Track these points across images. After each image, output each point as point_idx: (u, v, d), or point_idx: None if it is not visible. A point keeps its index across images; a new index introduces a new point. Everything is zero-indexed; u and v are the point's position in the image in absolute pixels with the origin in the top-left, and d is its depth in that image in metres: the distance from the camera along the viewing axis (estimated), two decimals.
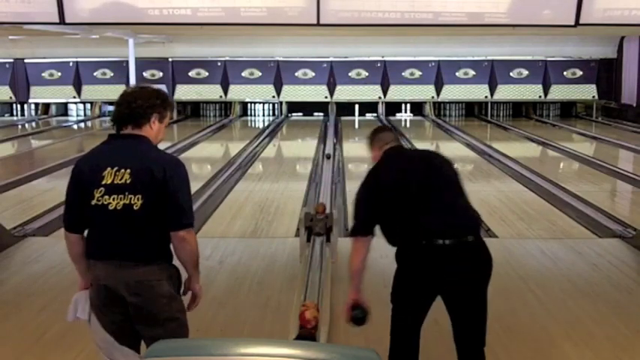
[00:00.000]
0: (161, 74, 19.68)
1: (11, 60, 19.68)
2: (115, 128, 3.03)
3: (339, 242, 6.06)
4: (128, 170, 2.86)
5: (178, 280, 3.01)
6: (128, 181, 2.85)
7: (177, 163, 2.99)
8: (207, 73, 19.60)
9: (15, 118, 20.45)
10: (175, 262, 3.01)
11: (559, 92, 19.72)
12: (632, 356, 4.19)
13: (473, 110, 20.75)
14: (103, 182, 2.87)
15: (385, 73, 19.53)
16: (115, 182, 2.86)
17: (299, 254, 5.80)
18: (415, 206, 3.30)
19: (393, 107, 20.31)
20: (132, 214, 2.85)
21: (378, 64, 19.53)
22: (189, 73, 19.64)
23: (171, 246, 2.95)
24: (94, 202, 2.88)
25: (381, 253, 6.29)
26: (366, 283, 5.58)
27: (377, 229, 3.55)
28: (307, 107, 20.34)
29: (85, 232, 3.01)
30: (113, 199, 2.86)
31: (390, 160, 3.49)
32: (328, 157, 8.99)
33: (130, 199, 2.85)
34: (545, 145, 14.52)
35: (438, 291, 3.33)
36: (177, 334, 2.91)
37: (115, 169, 2.87)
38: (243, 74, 19.58)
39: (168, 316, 2.92)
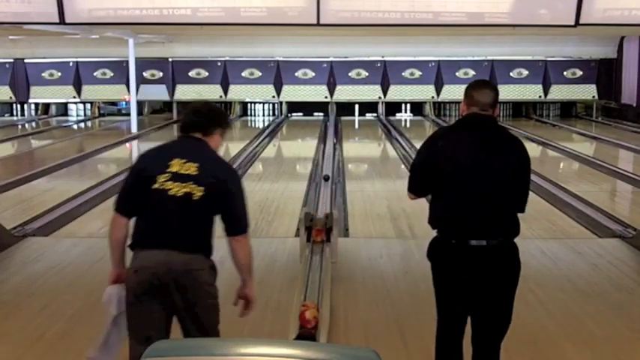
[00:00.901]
0: (161, 74, 19.68)
1: (11, 60, 19.66)
2: (183, 133, 3.22)
3: (339, 242, 6.07)
4: (196, 164, 3.04)
5: (215, 271, 3.14)
6: (194, 173, 3.02)
7: (236, 172, 3.27)
8: (207, 73, 19.59)
9: (15, 118, 20.45)
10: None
11: (559, 92, 19.72)
12: (632, 356, 4.19)
13: None
14: (169, 170, 3.02)
15: (385, 73, 19.53)
16: (181, 172, 3.02)
17: (299, 254, 5.80)
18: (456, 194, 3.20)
19: (393, 107, 20.31)
20: (190, 203, 3.00)
21: (378, 64, 19.53)
22: (189, 73, 19.64)
23: (227, 249, 3.14)
24: (155, 186, 3.01)
25: (381, 253, 6.31)
26: (366, 283, 5.59)
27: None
28: (307, 107, 20.34)
29: (133, 222, 3.12)
30: (175, 186, 3.00)
31: (463, 128, 3.35)
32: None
33: (192, 188, 3.00)
34: (545, 145, 14.51)
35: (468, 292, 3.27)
36: (215, 321, 3.10)
37: (184, 160, 3.04)
38: (243, 74, 19.58)
39: (211, 303, 3.07)
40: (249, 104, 20.66)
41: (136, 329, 3.04)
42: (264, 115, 20.59)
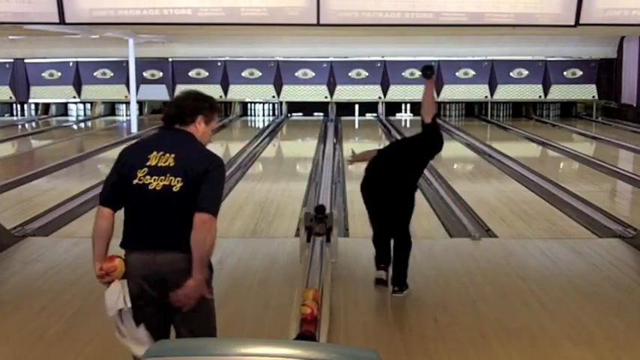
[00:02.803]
0: (161, 74, 19.68)
1: (11, 60, 19.66)
2: (164, 126, 3.20)
3: (339, 242, 6.07)
4: (173, 155, 3.02)
5: (210, 268, 3.07)
6: (171, 164, 3.00)
7: (220, 161, 3.11)
8: (207, 73, 19.59)
9: (15, 118, 20.45)
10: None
11: (559, 92, 19.72)
12: (632, 356, 4.19)
13: (473, 110, 20.75)
14: (148, 163, 3.01)
15: (385, 73, 19.53)
16: (159, 164, 3.00)
17: (299, 254, 5.80)
18: None
19: (393, 107, 20.30)
20: (170, 196, 2.96)
21: (378, 64, 19.53)
22: (189, 73, 19.64)
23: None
24: (135, 181, 3.00)
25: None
26: (366, 283, 5.59)
27: None
28: (307, 107, 20.34)
29: (122, 222, 3.08)
30: (154, 180, 2.99)
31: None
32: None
33: (170, 180, 2.98)
34: (545, 145, 14.51)
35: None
36: (208, 324, 3.05)
37: (161, 153, 3.03)
38: (243, 74, 19.58)
39: (202, 303, 3.00)
40: (249, 104, 20.65)
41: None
42: (264, 115, 20.59)
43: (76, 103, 20.66)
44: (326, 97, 19.67)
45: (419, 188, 5.86)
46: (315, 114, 20.35)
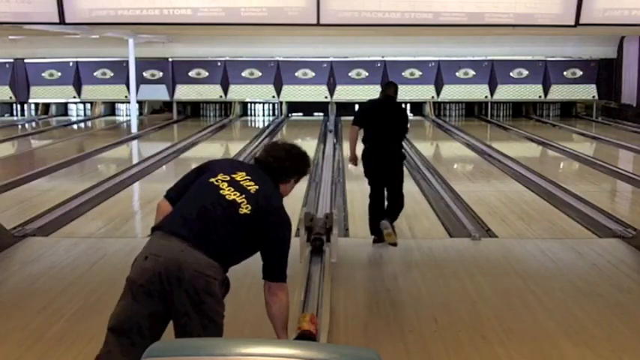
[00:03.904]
0: (161, 74, 19.68)
1: (11, 60, 19.67)
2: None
3: (339, 242, 6.07)
4: (257, 186, 3.06)
5: (227, 288, 3.07)
6: (252, 191, 3.04)
7: (289, 221, 3.18)
8: (207, 73, 19.58)
9: (15, 118, 20.45)
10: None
11: (559, 92, 19.72)
12: (632, 356, 4.19)
13: (473, 110, 20.75)
14: (232, 176, 3.06)
15: (385, 73, 19.51)
16: (242, 183, 3.05)
17: (299, 254, 5.80)
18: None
19: None
20: (232, 212, 2.97)
21: (378, 64, 19.52)
22: (189, 73, 19.64)
23: (265, 299, 3.21)
24: (212, 179, 3.02)
25: (381, 253, 6.30)
26: (366, 283, 5.59)
27: None
28: (307, 107, 20.34)
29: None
30: (229, 190, 3.01)
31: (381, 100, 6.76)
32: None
33: (242, 202, 2.99)
34: (545, 145, 14.51)
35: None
36: (210, 334, 2.90)
37: (249, 177, 3.09)
38: (243, 74, 19.58)
39: (210, 314, 2.91)
40: (249, 104, 20.65)
41: (119, 318, 2.91)
42: (264, 115, 20.59)
43: (76, 103, 20.66)
44: (326, 97, 19.67)
45: (419, 188, 5.89)
46: (315, 114, 20.36)
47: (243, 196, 3.00)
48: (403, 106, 7.39)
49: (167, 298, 2.87)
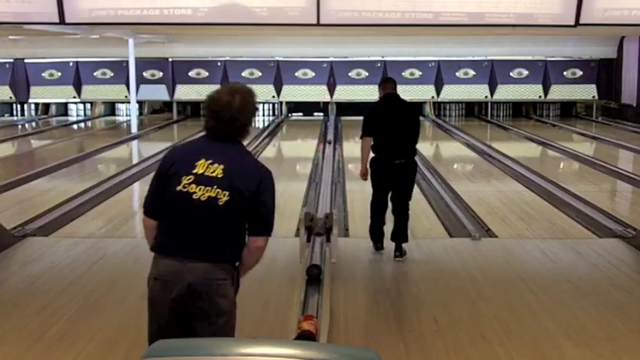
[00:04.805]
0: (161, 74, 19.68)
1: (11, 60, 19.66)
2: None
3: (339, 242, 6.07)
4: (222, 166, 2.89)
5: (238, 282, 3.03)
6: (220, 176, 2.88)
7: (270, 174, 3.02)
8: (207, 73, 19.58)
9: (15, 118, 20.44)
10: None
11: (559, 92, 19.71)
12: (632, 356, 4.19)
13: (473, 110, 20.75)
14: (194, 171, 2.89)
15: (385, 73, 19.46)
16: (206, 174, 2.89)
17: (299, 254, 5.80)
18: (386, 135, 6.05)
19: None
20: (214, 209, 2.87)
21: (378, 64, 19.52)
22: (189, 73, 19.64)
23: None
24: (179, 187, 2.89)
25: (381, 253, 6.30)
26: (366, 283, 5.59)
27: None
28: (307, 107, 20.33)
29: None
30: (199, 190, 2.88)
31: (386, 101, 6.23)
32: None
33: (217, 193, 2.87)
34: (545, 145, 14.51)
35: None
36: (230, 331, 2.95)
37: (210, 161, 2.90)
38: (243, 74, 19.57)
39: (222, 313, 2.91)
40: None
41: (152, 339, 2.93)
42: (264, 115, 20.58)
43: (76, 103, 20.65)
44: (325, 97, 19.67)
45: (419, 188, 5.91)
46: (315, 114, 20.35)
47: (215, 186, 2.87)
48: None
49: (181, 312, 2.90)
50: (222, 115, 2.96)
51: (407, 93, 19.47)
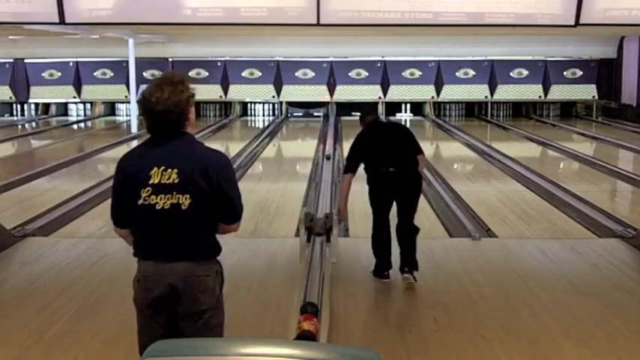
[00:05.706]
0: (161, 74, 19.63)
1: (11, 60, 19.66)
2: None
3: (339, 242, 6.07)
4: (175, 170, 2.85)
5: (221, 276, 3.03)
6: (176, 181, 2.85)
7: (226, 161, 3.00)
8: (207, 73, 19.58)
9: (15, 118, 20.44)
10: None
11: (559, 92, 19.71)
12: (632, 356, 4.19)
13: (473, 110, 20.75)
14: (150, 182, 2.85)
15: (385, 73, 19.52)
16: (162, 182, 2.85)
17: (299, 254, 5.80)
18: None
19: (393, 107, 20.28)
20: (180, 214, 2.86)
21: (378, 64, 19.52)
22: (190, 73, 19.57)
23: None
24: (140, 201, 2.86)
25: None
26: (366, 283, 5.59)
27: None
28: (307, 107, 20.34)
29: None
30: (160, 199, 2.85)
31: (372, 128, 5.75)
32: (328, 158, 9.06)
33: (178, 198, 2.85)
34: (545, 145, 14.51)
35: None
36: (219, 328, 2.97)
37: (162, 168, 2.86)
38: (243, 74, 19.57)
39: (205, 309, 2.92)
40: (249, 104, 20.65)
41: (141, 339, 2.98)
42: (264, 115, 20.58)
43: (76, 103, 20.65)
44: (326, 98, 19.67)
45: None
46: (316, 114, 20.35)
47: (174, 192, 2.84)
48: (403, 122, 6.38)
49: (168, 311, 2.93)
50: (157, 112, 2.88)
51: (407, 93, 19.56)
